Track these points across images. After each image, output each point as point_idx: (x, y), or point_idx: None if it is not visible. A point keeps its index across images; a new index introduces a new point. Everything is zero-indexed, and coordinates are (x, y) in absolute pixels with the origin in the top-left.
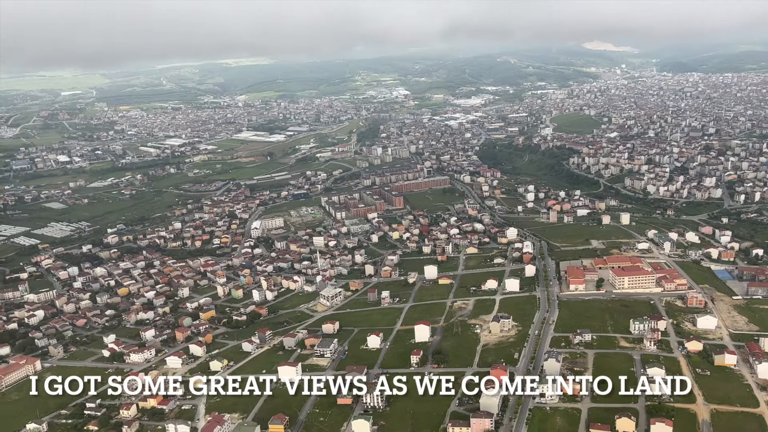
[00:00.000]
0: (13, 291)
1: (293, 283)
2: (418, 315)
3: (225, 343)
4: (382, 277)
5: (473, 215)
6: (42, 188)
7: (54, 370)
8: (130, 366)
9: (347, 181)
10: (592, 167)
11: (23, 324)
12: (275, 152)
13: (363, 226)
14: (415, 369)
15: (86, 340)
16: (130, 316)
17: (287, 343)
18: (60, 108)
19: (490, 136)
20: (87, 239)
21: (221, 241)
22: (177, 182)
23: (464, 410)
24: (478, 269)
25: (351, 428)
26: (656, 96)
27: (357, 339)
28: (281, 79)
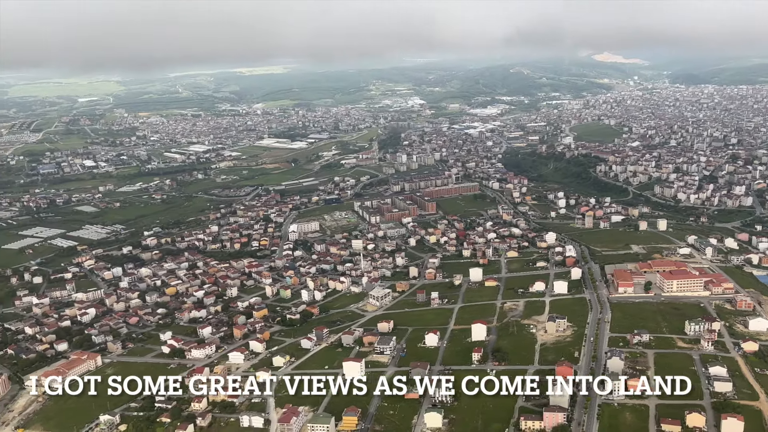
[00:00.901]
0: (60, 290)
1: (340, 284)
2: (469, 315)
3: (282, 340)
4: (426, 279)
5: (508, 220)
6: (71, 192)
7: (115, 366)
8: (192, 362)
9: (376, 187)
10: (620, 175)
11: (76, 322)
12: (299, 159)
13: (399, 230)
14: (476, 366)
15: (142, 337)
16: (183, 314)
17: (345, 341)
18: (79, 114)
19: (511, 145)
20: (125, 241)
21: (260, 243)
22: (205, 187)
23: (532, 405)
24: (522, 272)
25: (423, 421)
26: (673, 107)
27: (412, 337)
28: (297, 88)
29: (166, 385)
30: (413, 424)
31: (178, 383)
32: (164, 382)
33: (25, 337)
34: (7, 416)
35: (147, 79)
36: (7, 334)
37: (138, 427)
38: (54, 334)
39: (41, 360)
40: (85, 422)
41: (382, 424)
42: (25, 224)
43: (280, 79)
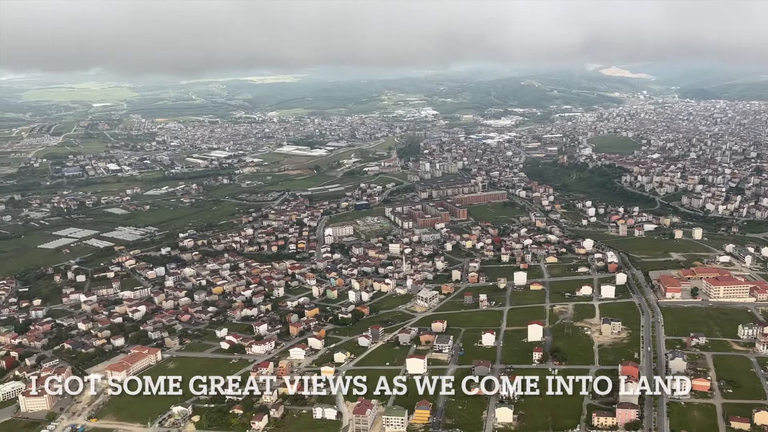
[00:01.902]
0: (106, 288)
1: (385, 286)
2: (520, 317)
3: (337, 338)
4: (469, 282)
5: (542, 227)
6: (99, 194)
7: (175, 360)
8: (253, 357)
9: (402, 194)
10: (646, 186)
11: (127, 318)
12: (321, 166)
13: (434, 235)
14: (537, 365)
15: (198, 333)
16: (235, 312)
17: (402, 339)
18: (95, 119)
19: (530, 155)
20: (161, 243)
21: (298, 246)
22: (232, 192)
23: (599, 403)
24: (564, 277)
25: (493, 416)
26: (687, 121)
27: (467, 337)
28: (310, 97)
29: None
30: (483, 419)
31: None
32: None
33: (79, 333)
34: (76, 407)
35: (160, 86)
36: (61, 330)
37: (211, 418)
38: (108, 330)
39: (100, 354)
40: (156, 413)
41: (453, 418)
42: (58, 225)
43: (292, 88)
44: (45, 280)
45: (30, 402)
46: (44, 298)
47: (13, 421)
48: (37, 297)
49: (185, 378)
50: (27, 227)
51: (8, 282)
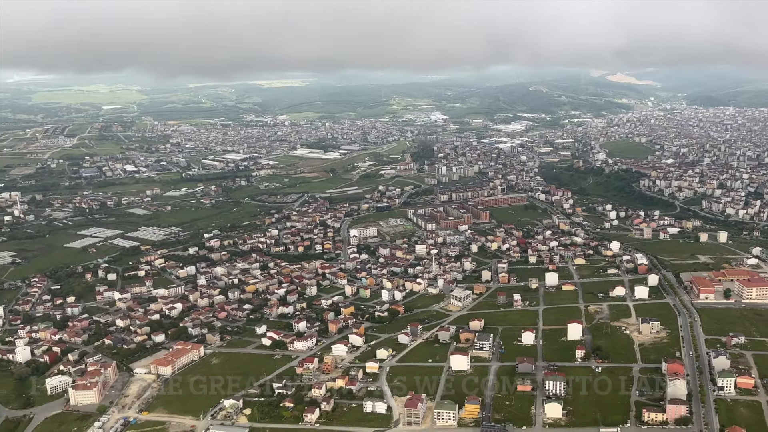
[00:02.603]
0: (140, 286)
1: (417, 285)
2: (555, 316)
3: (376, 335)
4: (500, 283)
5: (565, 230)
6: (119, 195)
7: (218, 356)
8: (295, 353)
9: (421, 197)
10: (665, 190)
11: (164, 315)
12: (336, 168)
13: (459, 237)
14: (580, 363)
15: (237, 330)
16: (271, 310)
17: (442, 337)
18: (107, 120)
19: (543, 159)
20: (187, 243)
21: (324, 247)
22: (250, 194)
23: (647, 399)
24: (594, 278)
25: (542, 411)
26: (697, 127)
27: (504, 336)
28: (319, 101)
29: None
30: (532, 414)
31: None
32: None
33: (118, 329)
34: (124, 400)
35: (169, 89)
36: (100, 326)
37: (262, 411)
38: (148, 327)
39: (142, 350)
40: (207, 406)
41: (501, 413)
42: (81, 224)
43: (301, 92)
44: (76, 278)
45: (79, 395)
46: (78, 296)
47: (64, 413)
48: (70, 294)
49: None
50: (51, 227)
51: (40, 280)
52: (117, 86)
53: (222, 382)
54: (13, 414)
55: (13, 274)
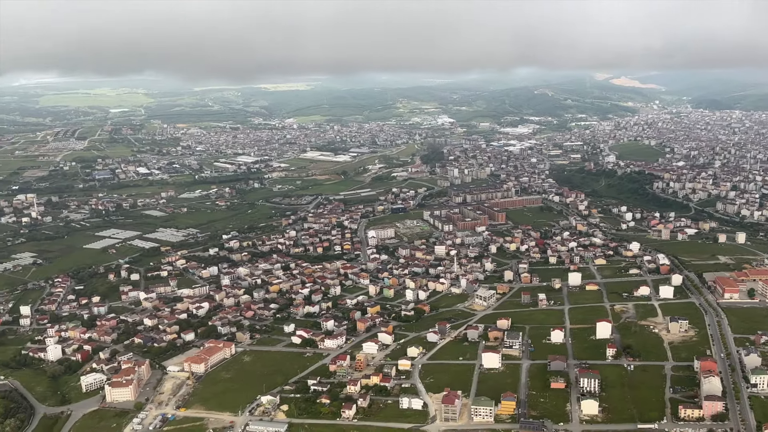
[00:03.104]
0: (164, 286)
1: (440, 285)
2: (582, 315)
3: (404, 334)
4: (522, 283)
5: (583, 231)
6: (134, 197)
7: (249, 354)
8: (326, 350)
9: (436, 198)
10: (679, 192)
11: (191, 314)
12: (348, 171)
13: (477, 238)
14: (611, 361)
15: (266, 328)
16: (297, 309)
17: (471, 336)
18: (115, 123)
19: (553, 162)
20: (206, 244)
21: (343, 248)
22: (264, 196)
23: (681, 396)
24: (617, 278)
25: (578, 408)
26: (705, 130)
27: (532, 334)
28: (326, 104)
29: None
30: (568, 411)
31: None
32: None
33: (146, 328)
34: (159, 398)
35: (175, 92)
36: (128, 325)
37: (300, 407)
38: (177, 325)
39: (173, 348)
40: (244, 403)
41: (537, 409)
42: (98, 226)
43: (307, 95)
44: (99, 279)
45: (115, 392)
46: (102, 296)
47: (102, 410)
48: (95, 294)
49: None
50: (68, 228)
51: (63, 280)
52: (123, 89)
53: (256, 379)
54: (51, 411)
55: (36, 275)
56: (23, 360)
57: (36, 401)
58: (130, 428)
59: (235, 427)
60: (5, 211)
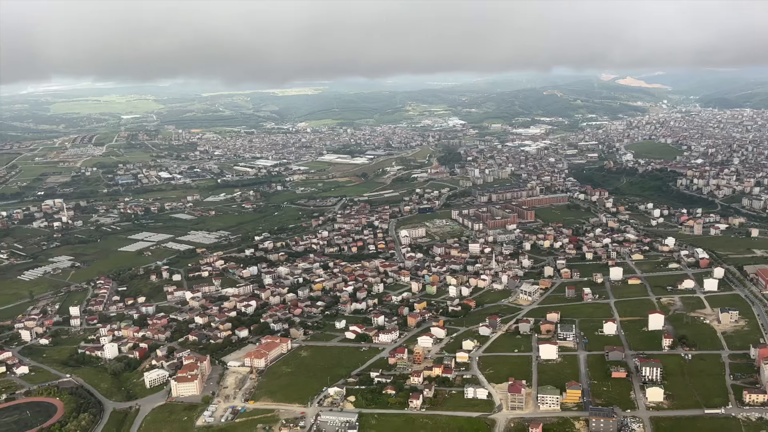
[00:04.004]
0: (208, 286)
1: (482, 282)
2: (630, 308)
3: (454, 328)
4: (562, 278)
5: (615, 227)
6: (160, 201)
7: (306, 349)
8: (381, 345)
9: (460, 198)
10: (704, 188)
11: (241, 313)
12: (367, 173)
13: (509, 236)
14: (668, 351)
15: (317, 324)
16: (345, 306)
17: (522, 329)
18: (131, 129)
19: (570, 161)
20: (239, 245)
21: (377, 247)
22: (288, 198)
23: (742, 383)
24: (656, 272)
25: (643, 396)
26: (718, 128)
27: (583, 327)
28: (336, 108)
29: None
30: (632, 399)
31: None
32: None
33: (197, 326)
34: (225, 391)
35: (185, 98)
36: (180, 323)
37: (366, 398)
38: (229, 323)
39: (229, 345)
40: (310, 395)
41: (601, 398)
42: (130, 229)
43: (315, 99)
44: (140, 280)
45: (181, 387)
46: (148, 296)
47: (170, 404)
48: (140, 295)
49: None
50: (100, 232)
51: (106, 282)
52: (132, 96)
53: (317, 373)
54: (120, 406)
55: (76, 277)
56: (81, 358)
57: (103, 397)
58: (202, 420)
59: (306, 417)
60: (36, 216)
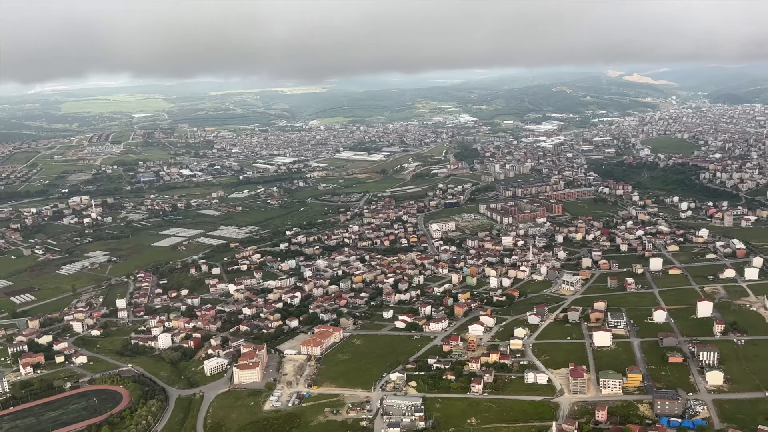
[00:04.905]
0: (250, 278)
1: (521, 273)
2: (675, 297)
3: (502, 317)
4: (601, 269)
5: (645, 220)
6: (185, 198)
7: (359, 338)
8: (432, 333)
9: (483, 193)
10: (727, 182)
11: (287, 304)
12: (386, 169)
13: (540, 229)
14: (720, 337)
15: (365, 314)
16: (389, 297)
17: (571, 317)
18: (145, 127)
19: (587, 156)
20: (271, 240)
21: (410, 240)
22: (311, 194)
23: None
24: (694, 263)
25: (703, 379)
26: (731, 124)
27: (631, 315)
28: (347, 106)
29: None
30: (692, 382)
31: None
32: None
33: (246, 317)
34: (285, 378)
35: (194, 97)
36: (230, 314)
37: (428, 383)
38: (278, 313)
39: (282, 334)
40: (371, 380)
41: (661, 382)
42: (159, 225)
43: (324, 97)
44: (180, 273)
45: (243, 374)
46: (190, 289)
47: (234, 390)
48: (182, 288)
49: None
50: (131, 228)
51: (146, 276)
52: (141, 95)
53: (373, 360)
54: (184, 393)
55: (114, 271)
56: (135, 348)
57: (165, 385)
58: (270, 405)
59: (371, 401)
60: (65, 213)
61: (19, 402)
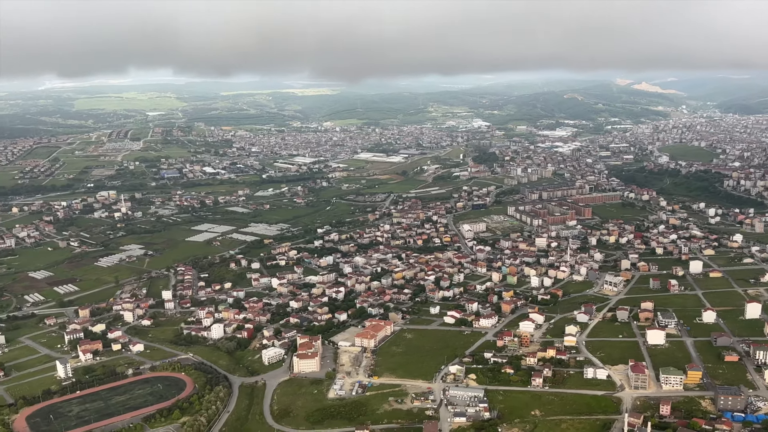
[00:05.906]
0: (291, 273)
1: (561, 273)
2: (719, 299)
3: (550, 315)
4: (640, 271)
5: (677, 224)
6: (212, 195)
7: (409, 332)
8: (482, 329)
9: (509, 195)
10: (751, 189)
11: (332, 298)
12: (407, 171)
13: (572, 231)
14: None
15: (411, 310)
16: (433, 293)
17: (620, 316)
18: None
19: (606, 162)
20: (303, 237)
21: (443, 240)
22: (335, 194)
23: None
24: (732, 267)
25: (761, 377)
26: (745, 133)
27: (679, 315)
28: (360, 108)
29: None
30: (750, 379)
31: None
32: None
33: (294, 310)
34: (342, 368)
35: (206, 97)
36: (278, 307)
37: (487, 375)
38: (326, 307)
39: (332, 327)
40: (430, 372)
41: (719, 379)
42: (190, 221)
43: (336, 99)
44: (219, 267)
45: (303, 364)
46: (233, 282)
47: (295, 378)
48: (225, 281)
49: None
50: (162, 223)
51: (187, 269)
52: (153, 93)
53: (427, 353)
54: (246, 380)
55: (151, 264)
56: (188, 338)
57: (227, 373)
58: (334, 393)
59: (434, 392)
60: (95, 207)
61: (85, 386)
